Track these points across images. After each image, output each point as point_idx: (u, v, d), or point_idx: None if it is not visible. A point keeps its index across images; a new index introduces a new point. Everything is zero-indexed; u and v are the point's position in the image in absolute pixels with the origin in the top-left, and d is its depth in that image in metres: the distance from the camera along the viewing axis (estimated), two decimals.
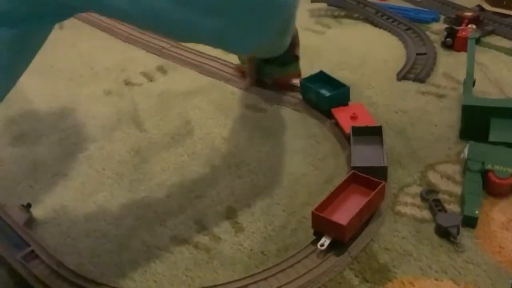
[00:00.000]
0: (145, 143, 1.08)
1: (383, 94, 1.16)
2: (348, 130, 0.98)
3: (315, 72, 1.13)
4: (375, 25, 1.43)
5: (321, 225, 0.79)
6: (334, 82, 1.10)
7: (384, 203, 0.87)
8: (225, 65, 1.31)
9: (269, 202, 0.90)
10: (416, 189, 0.90)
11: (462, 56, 1.25)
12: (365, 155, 0.92)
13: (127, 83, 1.31)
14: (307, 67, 1.20)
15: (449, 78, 1.18)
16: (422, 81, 1.18)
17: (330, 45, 1.37)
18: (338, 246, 0.78)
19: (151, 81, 1.31)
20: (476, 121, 0.96)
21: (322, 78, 1.12)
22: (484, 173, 0.87)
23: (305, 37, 1.41)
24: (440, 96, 1.13)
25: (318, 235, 0.80)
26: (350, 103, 1.09)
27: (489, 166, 0.87)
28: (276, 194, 0.92)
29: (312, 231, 0.82)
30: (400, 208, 0.87)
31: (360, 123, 1.00)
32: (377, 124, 0.98)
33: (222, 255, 0.81)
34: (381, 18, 1.43)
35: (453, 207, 0.86)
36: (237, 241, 0.83)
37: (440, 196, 0.88)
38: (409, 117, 1.08)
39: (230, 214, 0.89)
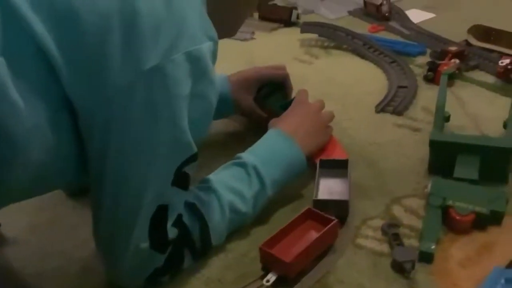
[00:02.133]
0: None
1: (360, 126, 1.17)
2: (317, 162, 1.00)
3: (290, 100, 1.16)
4: (362, 57, 1.46)
5: (268, 260, 0.80)
6: None
7: (346, 235, 0.89)
8: None
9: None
10: (379, 223, 0.91)
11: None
12: (329, 188, 0.94)
13: None
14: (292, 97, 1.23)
15: (427, 111, 1.19)
16: (399, 114, 1.19)
17: (316, 76, 1.40)
18: (287, 281, 0.80)
19: None
20: (444, 156, 0.97)
21: None
22: (445, 209, 0.88)
23: (292, 66, 1.44)
24: (416, 130, 1.14)
25: (266, 270, 0.81)
26: None
27: (450, 202, 0.88)
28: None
29: None
30: (361, 241, 0.88)
31: (330, 155, 1.02)
32: (347, 157, 1.00)
33: (178, 282, 0.83)
34: (367, 50, 1.45)
35: (412, 242, 0.86)
36: (195, 267, 0.85)
37: (401, 230, 0.89)
38: (383, 149, 1.09)
39: None
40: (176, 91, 0.70)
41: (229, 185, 0.86)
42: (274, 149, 0.93)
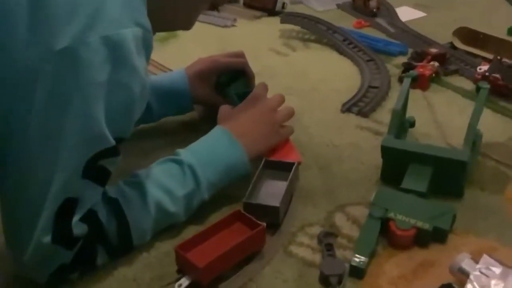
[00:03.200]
0: None
1: (321, 125, 1.11)
2: None
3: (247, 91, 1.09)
4: (340, 52, 1.39)
5: (182, 263, 0.75)
6: None
7: (277, 241, 0.83)
8: None
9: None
10: (317, 230, 0.85)
11: (417, 94, 1.20)
12: (266, 191, 0.88)
13: None
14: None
15: None
16: (365, 115, 1.13)
17: (287, 68, 1.33)
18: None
19: None
20: (396, 165, 0.91)
21: None
22: (386, 222, 0.82)
23: (266, 57, 1.39)
24: (378, 133, 1.08)
25: (182, 273, 0.76)
26: None
27: (391, 215, 0.82)
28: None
29: None
30: (293, 248, 0.82)
31: (283, 157, 0.96)
32: (298, 161, 0.94)
33: (90, 279, 0.78)
34: (347, 46, 1.39)
35: (347, 254, 0.81)
36: (114, 264, 0.80)
37: (339, 240, 0.83)
38: (339, 152, 1.03)
39: None
40: (89, 77, 0.65)
41: (160, 182, 0.81)
42: (216, 149, 0.88)
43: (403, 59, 1.33)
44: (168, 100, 1.05)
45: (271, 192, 0.87)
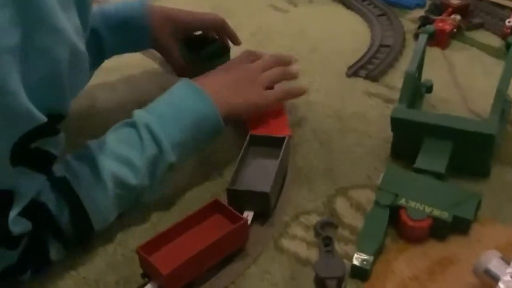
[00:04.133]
0: None
1: (323, 91, 0.97)
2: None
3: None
4: (348, 7, 1.23)
5: (146, 267, 0.62)
6: None
7: (266, 235, 0.70)
8: None
9: (134, 218, 0.74)
10: (315, 219, 0.72)
11: (435, 52, 1.04)
12: (253, 173, 0.74)
13: None
14: None
15: None
16: (374, 79, 0.98)
17: (286, 27, 1.18)
18: None
19: None
20: (408, 139, 0.76)
21: None
22: (396, 210, 0.68)
23: (264, 15, 1.24)
24: (389, 101, 0.93)
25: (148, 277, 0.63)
26: None
27: (402, 201, 0.68)
28: (145, 208, 0.75)
29: None
30: (285, 243, 0.69)
31: (270, 128, 0.82)
32: (288, 134, 0.80)
33: (46, 281, 0.66)
34: None
35: (349, 249, 0.67)
36: (74, 264, 0.68)
37: (340, 232, 0.70)
38: (343, 124, 0.89)
39: None
40: None
41: (114, 151, 0.68)
42: (178, 103, 0.73)
43: (420, 13, 1.16)
44: (121, 31, 0.89)
45: (259, 175, 0.73)
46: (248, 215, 0.69)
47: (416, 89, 0.84)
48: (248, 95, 0.80)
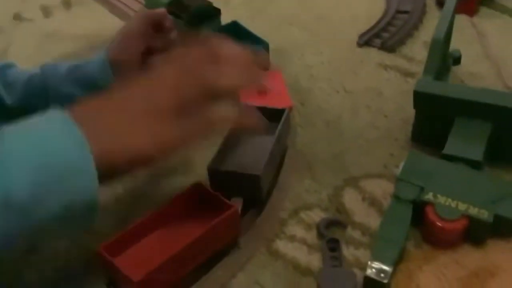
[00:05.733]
0: None
1: (330, 63, 0.82)
2: None
3: (227, 23, 0.81)
4: None
5: (111, 273, 0.48)
6: (252, 38, 0.78)
7: (256, 235, 0.56)
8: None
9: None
10: (319, 215, 0.58)
11: (462, 20, 0.89)
12: (244, 152, 0.60)
13: (17, 17, 1.02)
14: (247, 19, 0.87)
15: None
16: (390, 50, 0.83)
17: None
18: None
19: (47, 17, 1.01)
20: (434, 119, 0.62)
21: (236, 31, 0.80)
22: (421, 206, 0.54)
23: None
24: (408, 75, 0.78)
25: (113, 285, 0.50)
26: (271, 70, 0.77)
27: (428, 196, 0.54)
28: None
29: None
30: (281, 245, 0.55)
31: (269, 100, 0.68)
32: (289, 105, 0.65)
33: None
34: None
35: (360, 255, 0.54)
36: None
37: (349, 232, 0.56)
38: (353, 100, 0.74)
39: None
40: None
41: None
42: (30, 136, 0.42)
43: None
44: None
45: (250, 154, 0.59)
46: (237, 202, 0.55)
47: (443, 60, 0.70)
48: (159, 129, 0.45)
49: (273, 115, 0.62)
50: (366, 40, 0.85)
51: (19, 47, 0.93)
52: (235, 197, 0.56)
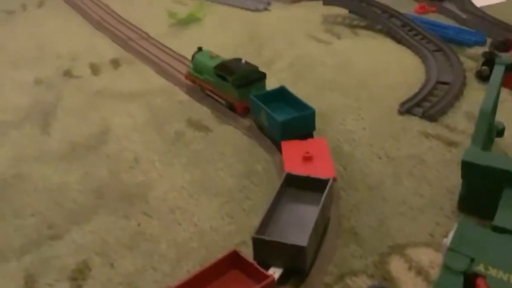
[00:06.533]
0: (35, 150, 0.82)
1: (371, 129, 0.83)
2: None
3: (275, 88, 0.83)
4: (398, 41, 1.10)
5: None
6: (298, 103, 0.80)
7: None
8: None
9: (148, 259, 0.61)
10: (364, 282, 0.58)
11: (503, 93, 0.90)
12: (288, 221, 0.60)
13: (67, 73, 1.06)
14: (289, 83, 0.90)
15: (473, 120, 0.83)
16: (432, 119, 0.84)
17: (329, 59, 1.06)
18: None
19: (95, 74, 1.05)
20: (483, 189, 0.62)
21: (282, 96, 0.82)
22: (471, 278, 0.53)
23: (304, 45, 1.12)
24: (451, 144, 0.79)
25: None
26: (316, 136, 0.78)
27: (480, 268, 0.53)
28: (161, 250, 0.62)
29: None
30: None
31: (313, 168, 0.69)
32: (332, 176, 0.66)
33: None
34: (407, 33, 1.10)
35: None
36: None
37: None
38: (396, 167, 0.75)
39: (78, 274, 0.60)
40: None
41: None
42: None
43: (479, 50, 1.03)
44: None
45: (295, 222, 0.59)
46: (275, 272, 0.55)
47: (488, 131, 0.70)
48: None
49: (317, 185, 0.63)
50: (408, 108, 0.86)
51: (68, 102, 0.96)
52: (275, 266, 0.56)
